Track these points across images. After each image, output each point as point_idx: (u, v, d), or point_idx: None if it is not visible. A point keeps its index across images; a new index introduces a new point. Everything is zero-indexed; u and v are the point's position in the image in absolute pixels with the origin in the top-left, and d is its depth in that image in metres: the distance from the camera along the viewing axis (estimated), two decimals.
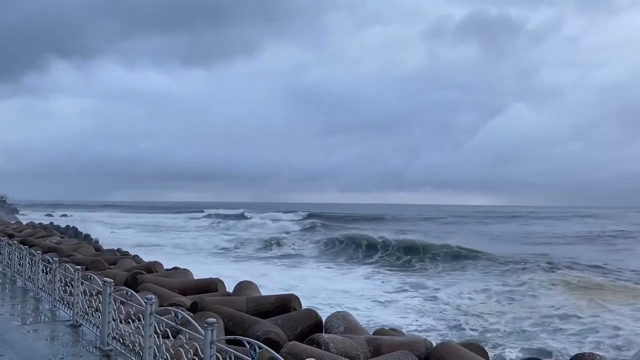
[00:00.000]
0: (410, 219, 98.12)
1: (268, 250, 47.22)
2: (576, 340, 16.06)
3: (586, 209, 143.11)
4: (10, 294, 12.99)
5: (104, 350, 7.82)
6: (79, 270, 9.62)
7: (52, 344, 8.43)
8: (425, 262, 36.32)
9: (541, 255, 36.60)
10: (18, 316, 10.42)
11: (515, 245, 50.02)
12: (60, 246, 23.52)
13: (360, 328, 10.22)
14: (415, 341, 9.21)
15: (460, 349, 8.72)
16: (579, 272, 29.40)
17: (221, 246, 49.83)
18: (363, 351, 8.59)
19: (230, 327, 9.55)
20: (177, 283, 14.21)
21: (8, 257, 15.72)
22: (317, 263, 37.98)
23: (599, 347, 15.18)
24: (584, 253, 40.98)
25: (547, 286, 25.06)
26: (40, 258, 12.25)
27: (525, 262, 32.57)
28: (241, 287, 13.46)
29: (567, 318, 18.69)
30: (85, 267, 15.75)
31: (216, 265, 32.41)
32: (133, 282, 14.04)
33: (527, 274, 28.50)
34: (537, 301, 22.11)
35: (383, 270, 33.16)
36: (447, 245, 39.78)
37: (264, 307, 11.20)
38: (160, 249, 42.94)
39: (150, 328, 6.36)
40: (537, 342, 16.07)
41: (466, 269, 32.96)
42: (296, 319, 10.10)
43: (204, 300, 10.94)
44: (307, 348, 7.96)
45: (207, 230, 73.73)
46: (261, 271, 30.43)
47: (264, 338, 8.55)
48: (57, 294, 10.73)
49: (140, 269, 16.58)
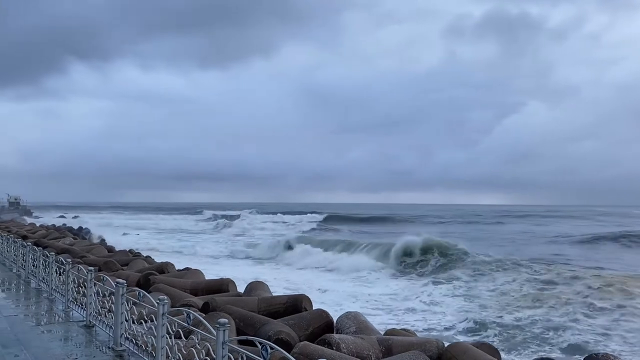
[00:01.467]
0: (449, 221, 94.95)
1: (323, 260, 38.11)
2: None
3: (604, 207, 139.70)
4: (24, 295, 13.13)
5: (117, 350, 7.88)
6: (91, 271, 9.71)
7: (66, 344, 8.51)
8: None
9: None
10: (32, 317, 10.54)
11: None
12: (73, 247, 23.76)
13: (371, 328, 10.20)
14: (426, 341, 9.17)
15: (472, 349, 8.67)
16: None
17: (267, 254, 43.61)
18: (374, 351, 8.57)
19: (241, 327, 9.58)
20: (188, 284, 14.29)
21: (22, 258, 15.90)
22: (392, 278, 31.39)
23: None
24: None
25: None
26: (54, 259, 12.38)
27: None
28: (252, 287, 13.50)
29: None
30: (98, 268, 15.86)
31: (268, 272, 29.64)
32: (145, 283, 14.13)
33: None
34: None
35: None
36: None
37: (275, 308, 11.23)
38: (184, 256, 39.44)
39: (162, 328, 6.40)
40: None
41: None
42: (307, 319, 10.11)
43: (216, 301, 10.99)
44: (318, 348, 7.97)
45: (238, 235, 67.40)
46: (320, 285, 26.70)
47: (276, 338, 8.57)
48: (70, 295, 10.84)
49: (152, 269, 16.69)
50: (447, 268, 32.52)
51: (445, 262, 34.15)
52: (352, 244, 43.56)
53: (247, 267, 33.70)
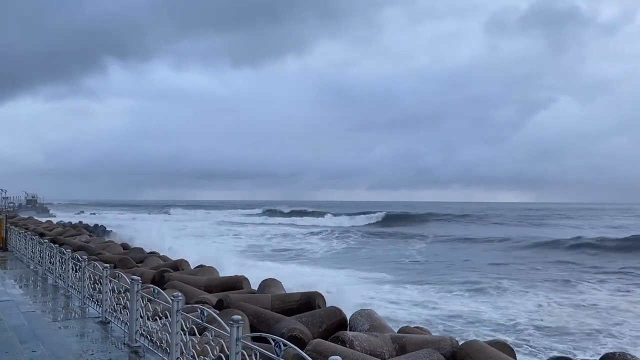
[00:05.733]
0: (504, 218, 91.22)
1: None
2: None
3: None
4: (41, 291, 13.31)
5: (132, 346, 7.95)
6: (107, 268, 9.81)
7: (82, 340, 8.61)
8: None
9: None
10: (49, 313, 10.67)
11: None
12: (89, 244, 24.04)
13: (385, 326, 10.19)
14: (441, 339, 9.13)
15: (486, 347, 8.61)
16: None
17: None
18: (388, 349, 8.55)
19: (255, 324, 9.62)
20: (202, 281, 14.38)
21: (39, 255, 16.12)
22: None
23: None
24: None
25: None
26: (70, 256, 12.52)
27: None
28: (266, 284, 13.54)
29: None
30: (113, 265, 16.07)
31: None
32: (160, 280, 14.26)
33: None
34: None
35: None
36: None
37: (288, 305, 11.26)
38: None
39: (177, 325, 6.44)
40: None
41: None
42: (321, 317, 10.12)
43: (230, 298, 11.04)
44: (332, 346, 7.97)
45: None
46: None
47: (289, 335, 8.58)
48: (86, 292, 10.96)
49: (167, 266, 16.83)
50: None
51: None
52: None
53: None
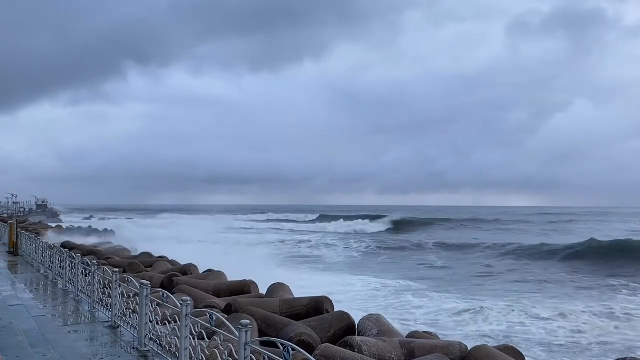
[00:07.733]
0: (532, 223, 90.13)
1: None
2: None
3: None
4: (52, 295, 13.40)
5: (142, 351, 7.99)
6: (116, 272, 9.86)
7: (92, 344, 8.66)
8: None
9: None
10: (59, 317, 10.75)
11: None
12: (98, 249, 24.21)
13: (393, 331, 10.16)
14: (449, 344, 9.10)
15: (495, 352, 8.57)
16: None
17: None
18: (397, 354, 8.53)
19: (263, 328, 9.63)
20: (211, 285, 14.42)
21: (50, 260, 16.24)
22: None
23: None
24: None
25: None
26: (80, 261, 12.61)
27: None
28: (274, 289, 13.56)
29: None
30: (122, 269, 16.15)
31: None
32: (169, 284, 14.31)
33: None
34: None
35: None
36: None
37: (296, 309, 11.26)
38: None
39: (186, 329, 6.47)
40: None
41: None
42: (329, 321, 10.11)
43: (238, 302, 11.07)
44: (340, 350, 7.96)
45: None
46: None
47: (297, 340, 8.59)
48: (96, 296, 11.02)
49: (176, 271, 16.91)
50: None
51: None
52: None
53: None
